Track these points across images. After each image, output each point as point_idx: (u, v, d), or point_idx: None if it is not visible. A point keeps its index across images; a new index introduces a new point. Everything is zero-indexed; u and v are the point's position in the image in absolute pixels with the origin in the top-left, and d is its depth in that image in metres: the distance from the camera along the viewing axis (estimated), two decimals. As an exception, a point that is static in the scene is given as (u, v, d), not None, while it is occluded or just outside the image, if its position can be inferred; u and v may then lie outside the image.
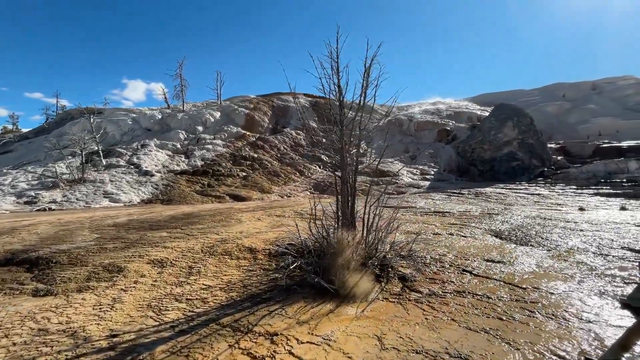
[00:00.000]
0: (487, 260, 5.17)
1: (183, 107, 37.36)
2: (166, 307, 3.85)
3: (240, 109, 36.06)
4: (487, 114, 29.18)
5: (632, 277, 4.30)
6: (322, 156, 29.42)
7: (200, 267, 5.15)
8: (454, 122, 33.00)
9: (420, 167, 25.19)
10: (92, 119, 26.59)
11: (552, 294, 3.80)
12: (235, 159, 27.40)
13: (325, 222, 5.81)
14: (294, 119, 37.41)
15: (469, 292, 3.93)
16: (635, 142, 22.30)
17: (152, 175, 23.04)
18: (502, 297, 3.77)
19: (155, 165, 25.20)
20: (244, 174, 24.85)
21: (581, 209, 10.21)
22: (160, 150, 28.33)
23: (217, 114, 35.25)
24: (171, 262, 5.42)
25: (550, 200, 12.62)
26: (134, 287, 4.49)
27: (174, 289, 4.38)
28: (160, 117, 34.44)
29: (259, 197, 19.45)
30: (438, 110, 37.59)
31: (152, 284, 4.58)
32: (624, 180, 15.58)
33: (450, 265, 4.96)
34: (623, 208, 10.15)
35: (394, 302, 3.86)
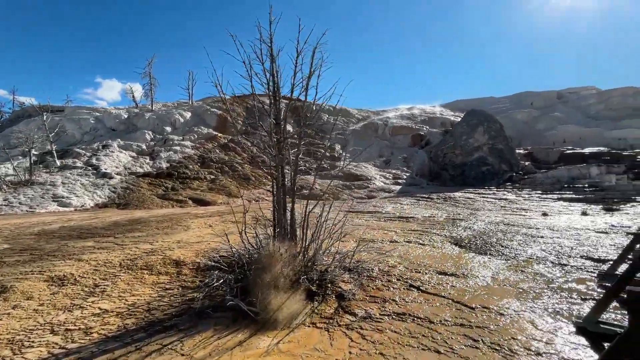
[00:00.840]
0: (440, 273, 4.66)
1: (152, 106, 35.65)
2: (32, 342, 3.03)
3: (212, 109, 34.81)
4: (459, 119, 29.57)
5: (590, 292, 3.90)
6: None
7: (107, 286, 4.33)
8: (427, 127, 33.28)
9: (394, 171, 25.02)
10: (45, 117, 24.65)
11: (502, 315, 3.30)
12: (204, 161, 26.21)
13: (263, 231, 5.15)
14: (267, 122, 36.53)
15: (409, 315, 3.36)
16: (596, 148, 23.11)
17: (111, 178, 21.52)
18: (446, 320, 3.22)
19: (116, 167, 23.62)
20: (212, 177, 23.74)
21: (544, 214, 10.08)
22: (124, 151, 26.69)
23: (188, 115, 33.84)
24: (75, 278, 4.55)
25: (516, 205, 12.54)
26: (8, 313, 3.62)
27: (59, 316, 3.55)
28: (126, 116, 32.63)
29: (225, 202, 18.48)
30: (413, 115, 37.89)
31: (35, 309, 3.72)
32: (586, 185, 15.89)
33: (397, 280, 4.40)
34: (584, 213, 10.11)
35: (322, 328, 3.23)
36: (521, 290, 3.99)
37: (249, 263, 4.49)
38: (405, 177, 23.64)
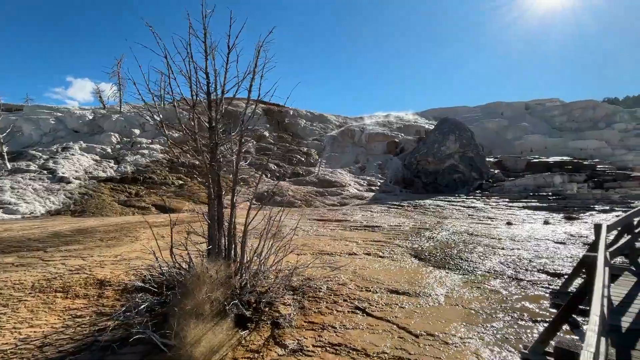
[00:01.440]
0: (392, 291, 4.33)
1: (120, 107, 34.00)
2: None
3: (185, 112, 33.61)
4: (433, 127, 30.08)
5: (542, 312, 3.68)
6: (272, 165, 28.23)
7: (4, 314, 3.68)
8: (403, 134, 33.67)
9: (368, 177, 24.96)
10: (-5, 116, 22.82)
11: (446, 344, 2.98)
12: (173, 165, 25.10)
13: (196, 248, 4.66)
14: (243, 126, 35.77)
15: (346, 346, 2.98)
16: (560, 158, 24.07)
17: (69, 183, 20.09)
18: (385, 352, 2.86)
19: (76, 171, 22.13)
20: (181, 182, 22.74)
21: (509, 223, 10.10)
22: (86, 155, 25.11)
23: (158, 117, 32.48)
24: (-31, 306, 3.86)
25: (483, 213, 12.60)
26: None
27: None
28: (91, 117, 30.92)
29: (191, 209, 17.60)
30: (389, 122, 38.33)
31: None
32: (550, 193, 16.35)
33: (344, 300, 4.03)
34: (546, 222, 10.22)
35: (243, 365, 2.79)
36: (472, 311, 3.72)
37: (180, 285, 3.98)
38: (379, 183, 23.62)
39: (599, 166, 21.54)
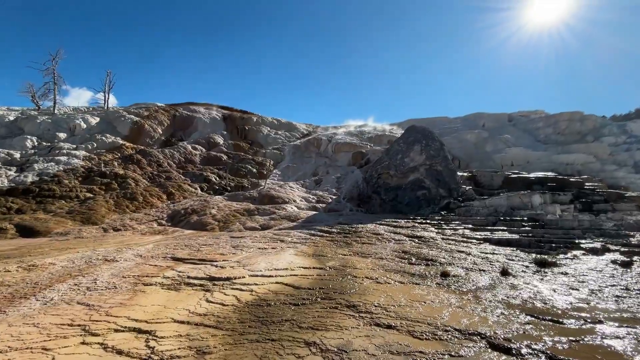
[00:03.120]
0: None
1: (54, 109, 30.13)
2: None
3: (129, 115, 29.86)
4: (403, 137, 26.67)
5: None
6: (213, 176, 24.32)
7: None
8: (372, 144, 30.27)
9: (321, 193, 21.24)
10: None
11: None
12: (89, 175, 21.14)
13: None
14: (197, 132, 32.11)
15: None
16: (542, 173, 20.73)
17: None
18: None
19: (-42, 180, 18.05)
20: (90, 195, 18.74)
21: (444, 274, 6.38)
22: (-15, 160, 21.06)
23: (95, 120, 28.66)
24: None
25: (425, 249, 8.90)
26: None
27: None
28: (12, 118, 26.92)
29: (67, 231, 13.58)
30: (361, 132, 34.97)
31: None
32: (525, 218, 12.77)
33: None
34: (504, 272, 6.54)
35: None
36: None
37: None
38: (331, 200, 19.89)
39: (587, 184, 18.16)
